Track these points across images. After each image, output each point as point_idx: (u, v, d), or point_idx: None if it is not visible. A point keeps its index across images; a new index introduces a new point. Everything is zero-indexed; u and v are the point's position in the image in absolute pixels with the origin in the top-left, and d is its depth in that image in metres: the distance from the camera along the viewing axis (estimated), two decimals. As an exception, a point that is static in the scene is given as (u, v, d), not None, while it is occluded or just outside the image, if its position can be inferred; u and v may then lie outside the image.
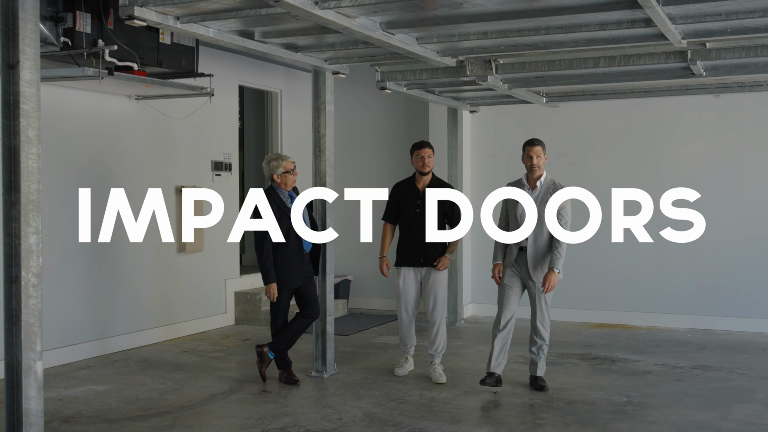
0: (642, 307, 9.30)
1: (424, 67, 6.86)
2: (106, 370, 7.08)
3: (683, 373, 6.94)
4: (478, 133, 10.05)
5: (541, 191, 6.21)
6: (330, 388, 6.47)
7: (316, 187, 6.82)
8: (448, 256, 6.71)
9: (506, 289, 6.38)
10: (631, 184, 9.27)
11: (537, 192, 6.23)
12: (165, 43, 7.24)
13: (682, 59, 6.10)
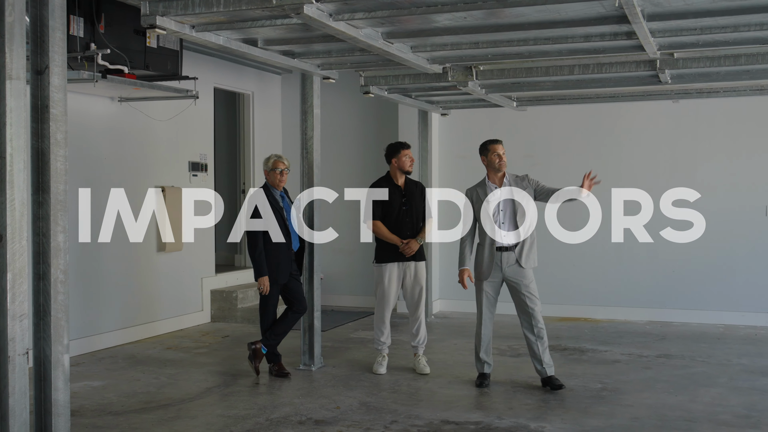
0: (603, 301, 9.78)
1: (407, 72, 7.18)
2: (96, 366, 7.22)
3: (649, 361, 7.40)
4: (447, 134, 10.42)
5: (513, 185, 6.35)
6: (320, 380, 6.74)
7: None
8: (419, 240, 6.94)
9: (487, 296, 6.44)
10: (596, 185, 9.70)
11: (504, 189, 6.33)
12: (151, 46, 7.42)
13: (651, 68, 6.53)
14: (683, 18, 4.81)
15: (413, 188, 7.01)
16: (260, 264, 6.65)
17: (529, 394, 6.23)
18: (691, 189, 9.40)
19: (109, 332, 8.07)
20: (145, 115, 8.39)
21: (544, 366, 6.38)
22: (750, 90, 7.96)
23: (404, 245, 6.85)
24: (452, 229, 10.34)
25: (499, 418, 5.59)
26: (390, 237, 6.90)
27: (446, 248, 10.46)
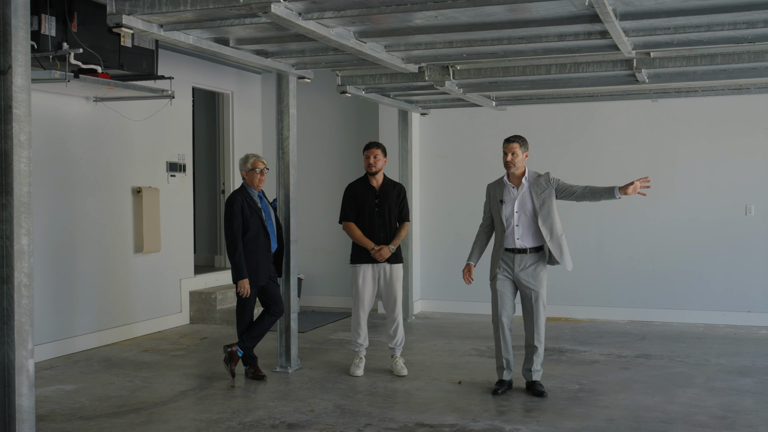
0: (584, 301, 9.76)
1: (384, 72, 7.13)
2: (70, 369, 7.14)
3: (628, 361, 7.38)
4: (427, 134, 10.37)
5: (530, 185, 6.10)
6: (296, 382, 6.68)
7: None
8: (390, 247, 6.80)
9: (500, 295, 6.22)
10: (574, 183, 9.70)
11: (522, 189, 6.11)
12: (126, 45, 7.33)
13: (628, 67, 6.51)
14: (656, 17, 4.77)
15: (389, 189, 6.94)
16: (240, 267, 6.58)
17: (506, 396, 6.19)
18: (672, 188, 9.42)
19: (85, 335, 7.98)
20: (120, 115, 8.30)
21: (532, 371, 6.30)
22: (728, 89, 7.96)
23: (375, 251, 6.78)
24: (433, 230, 10.35)
25: (474, 421, 5.54)
26: (361, 240, 6.84)
27: (427, 249, 10.43)
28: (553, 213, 6.10)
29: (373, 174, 6.91)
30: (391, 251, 6.82)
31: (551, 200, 6.10)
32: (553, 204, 6.11)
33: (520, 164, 6.15)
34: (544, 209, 6.08)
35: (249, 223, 6.63)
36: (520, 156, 6.13)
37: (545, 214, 6.07)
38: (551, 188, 6.11)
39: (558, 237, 6.13)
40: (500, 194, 6.24)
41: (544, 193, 6.10)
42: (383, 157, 6.89)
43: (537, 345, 6.24)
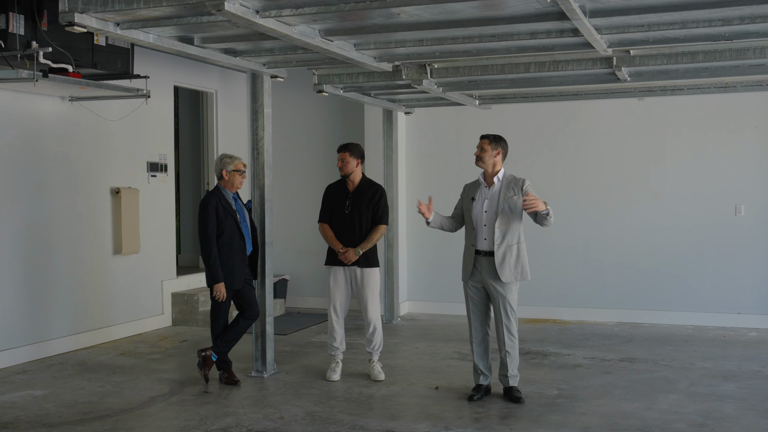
0: (571, 302, 9.62)
1: (361, 70, 7.00)
2: (42, 374, 7.02)
3: (611, 365, 7.23)
4: (413, 133, 10.23)
5: (502, 187, 5.93)
6: (270, 387, 6.56)
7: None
8: (356, 251, 6.63)
9: (471, 299, 6.10)
10: (560, 183, 9.59)
11: (493, 189, 5.96)
12: (100, 44, 7.21)
13: (608, 65, 6.37)
14: (626, 14, 4.64)
15: (364, 191, 6.79)
16: (215, 270, 6.46)
17: (482, 403, 6.05)
18: (660, 187, 9.27)
19: (61, 338, 7.86)
20: (97, 116, 8.16)
21: (508, 376, 6.13)
22: (714, 87, 7.81)
23: (341, 254, 6.64)
24: (420, 230, 10.21)
25: (446, 429, 5.41)
26: (331, 241, 6.75)
27: (414, 249, 10.29)
28: (514, 221, 5.92)
29: (345, 176, 6.78)
30: (357, 254, 6.65)
31: (516, 207, 5.92)
32: (517, 212, 5.93)
33: (488, 161, 5.96)
34: (505, 214, 5.93)
35: (224, 225, 6.50)
36: (489, 152, 5.94)
37: (505, 219, 5.92)
38: (519, 196, 5.91)
39: (510, 246, 5.96)
40: (473, 192, 6.11)
41: (511, 198, 5.93)
42: (353, 159, 6.75)
43: (509, 350, 6.07)
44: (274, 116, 10.79)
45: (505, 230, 5.94)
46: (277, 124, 10.77)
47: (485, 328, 6.19)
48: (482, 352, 6.19)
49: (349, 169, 6.76)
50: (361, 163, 6.87)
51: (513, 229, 5.95)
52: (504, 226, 5.94)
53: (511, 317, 6.04)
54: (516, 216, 5.94)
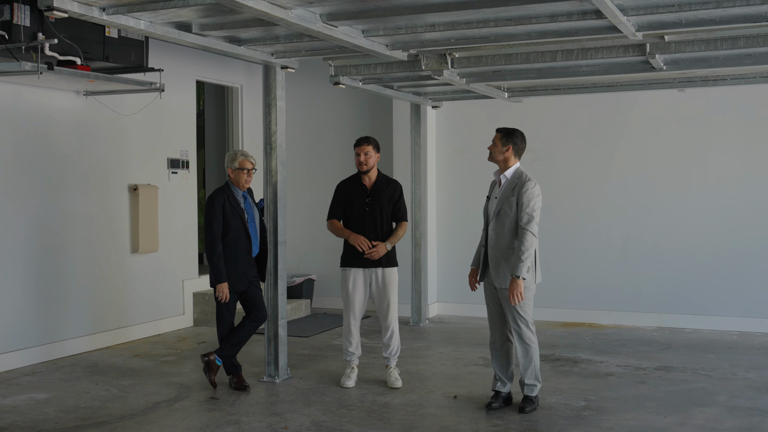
0: (608, 306, 9.14)
1: (378, 61, 6.65)
2: (51, 376, 6.81)
3: (646, 374, 6.77)
4: (444, 128, 9.84)
5: (505, 184, 5.61)
6: (281, 393, 6.25)
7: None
8: (387, 244, 6.30)
9: (487, 304, 5.83)
10: (597, 180, 9.13)
11: (502, 186, 5.63)
12: (112, 36, 6.99)
13: (640, 53, 5.92)
14: (652, -9, 4.21)
15: (382, 188, 6.44)
16: (219, 269, 6.18)
17: (500, 414, 5.65)
18: (703, 183, 8.75)
19: (76, 338, 7.66)
20: (111, 110, 7.94)
21: (523, 384, 5.76)
22: (760, 77, 7.27)
23: (371, 249, 6.28)
24: (450, 228, 9.83)
25: (459, 442, 5.04)
26: (342, 232, 6.41)
27: (444, 249, 9.91)
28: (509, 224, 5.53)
29: (364, 172, 6.44)
30: (388, 249, 6.31)
31: (510, 212, 5.53)
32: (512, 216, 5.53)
33: (497, 157, 5.65)
34: (500, 216, 5.58)
35: (230, 224, 6.21)
36: (499, 148, 5.62)
37: (500, 221, 5.58)
38: (514, 199, 5.53)
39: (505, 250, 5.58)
40: (490, 190, 5.83)
41: (507, 200, 5.56)
42: (375, 153, 6.41)
43: (521, 358, 5.70)
44: (299, 112, 10.57)
45: (500, 232, 5.59)
46: (303, 120, 10.53)
47: (504, 333, 5.82)
48: (500, 358, 5.84)
49: (372, 163, 6.43)
50: (379, 157, 6.52)
51: (508, 232, 5.56)
52: (499, 228, 5.60)
53: (521, 323, 5.63)
54: (511, 220, 5.54)
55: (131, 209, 8.33)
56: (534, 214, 5.46)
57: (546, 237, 9.23)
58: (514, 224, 5.53)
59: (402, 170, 9.56)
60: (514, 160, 5.64)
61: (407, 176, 9.38)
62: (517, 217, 5.50)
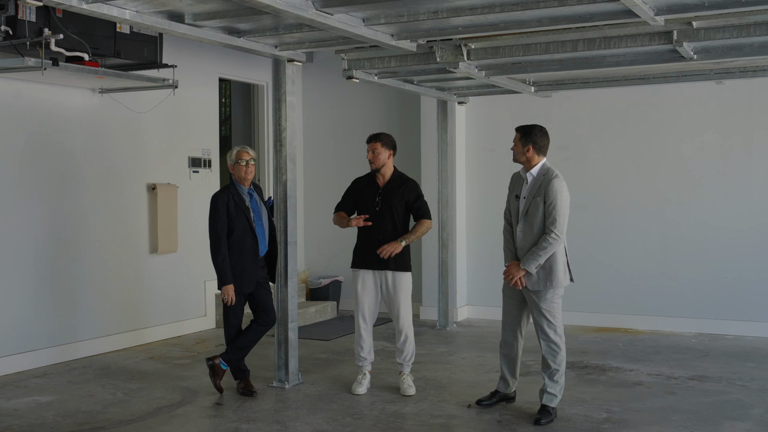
0: (645, 310, 8.69)
1: (391, 53, 6.38)
2: (60, 378, 6.69)
3: (677, 384, 6.35)
4: (473, 126, 9.51)
5: (532, 183, 5.39)
6: (288, 400, 6.00)
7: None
8: (400, 240, 5.98)
9: (506, 299, 5.62)
10: (633, 177, 8.70)
11: (529, 185, 5.41)
12: (123, 32, 6.86)
13: (667, 41, 5.53)
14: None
15: (395, 187, 6.14)
16: (224, 271, 5.97)
17: (515, 426, 5.32)
18: (746, 181, 8.26)
19: (90, 340, 7.54)
20: (126, 108, 7.79)
21: (542, 391, 5.45)
22: (805, 66, 6.79)
23: (381, 248, 5.98)
24: (480, 229, 9.48)
25: (464, 456, 4.73)
26: (342, 221, 6.19)
27: (474, 250, 9.57)
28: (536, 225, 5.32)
29: (376, 170, 6.16)
30: (401, 244, 5.98)
31: (537, 211, 5.31)
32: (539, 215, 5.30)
33: (520, 158, 5.48)
34: (529, 217, 5.36)
35: (234, 223, 5.99)
36: (519, 149, 5.46)
37: (528, 221, 5.36)
38: (540, 198, 5.31)
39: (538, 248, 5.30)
40: (518, 185, 5.56)
41: (534, 200, 5.33)
42: (385, 150, 6.12)
43: (547, 365, 5.41)
44: (323, 107, 10.34)
45: (528, 233, 5.37)
46: (330, 118, 10.30)
47: (515, 333, 5.62)
48: (506, 356, 5.68)
49: (381, 162, 6.13)
50: (393, 155, 6.23)
51: (537, 232, 5.33)
52: (527, 229, 5.37)
53: (549, 328, 5.35)
54: (539, 220, 5.31)
55: (150, 209, 8.20)
56: (559, 214, 5.23)
57: (579, 237, 8.88)
58: (542, 224, 5.30)
59: (430, 169, 9.26)
60: (539, 158, 5.44)
61: (433, 176, 9.08)
62: (544, 216, 5.28)
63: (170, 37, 8.19)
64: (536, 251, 5.24)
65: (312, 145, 10.48)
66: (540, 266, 5.26)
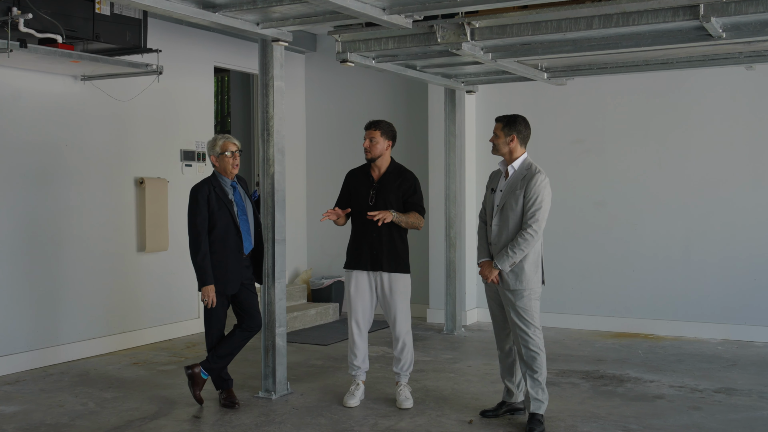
0: (668, 314, 8.09)
1: (389, 34, 5.84)
2: (33, 386, 6.21)
3: (702, 398, 5.76)
4: (484, 117, 8.93)
5: (511, 178, 5.03)
6: (273, 413, 5.48)
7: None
8: (393, 212, 5.37)
9: (490, 307, 5.28)
10: (655, 173, 8.10)
11: (508, 180, 5.04)
12: (103, 14, 6.38)
13: (692, 15, 4.95)
14: None
15: (390, 180, 5.58)
16: (204, 270, 5.45)
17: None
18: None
19: (72, 343, 7.07)
20: (107, 96, 7.30)
21: (529, 399, 5.02)
22: None
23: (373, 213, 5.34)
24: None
25: (460, 482, 4.19)
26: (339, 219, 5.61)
27: (483, 249, 8.99)
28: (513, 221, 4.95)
29: (371, 160, 5.62)
30: (393, 215, 5.36)
31: (516, 206, 4.95)
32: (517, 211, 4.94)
33: (502, 149, 5.07)
34: (505, 211, 4.99)
35: (216, 218, 5.48)
36: (502, 139, 5.04)
37: (504, 216, 4.99)
38: (521, 192, 4.94)
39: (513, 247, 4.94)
40: (495, 182, 5.17)
41: (513, 194, 4.97)
42: (384, 139, 5.57)
43: (526, 369, 5.03)
44: (327, 96, 9.83)
45: (503, 228, 4.99)
46: (334, 110, 9.81)
47: (509, 339, 5.23)
48: (502, 361, 5.34)
49: (378, 152, 5.58)
50: (392, 146, 5.68)
51: (513, 228, 4.96)
52: (502, 223, 4.99)
53: (527, 328, 4.98)
54: (516, 215, 4.95)
55: (137, 204, 7.72)
56: (540, 210, 4.90)
57: (597, 236, 8.32)
58: (520, 220, 4.94)
59: (437, 162, 8.72)
60: (521, 150, 5.08)
61: (441, 170, 8.54)
62: (522, 212, 4.93)
63: (161, 23, 7.75)
64: (512, 248, 4.91)
65: (315, 138, 9.98)
66: (515, 264, 4.91)
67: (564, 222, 8.28)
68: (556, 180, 5.64)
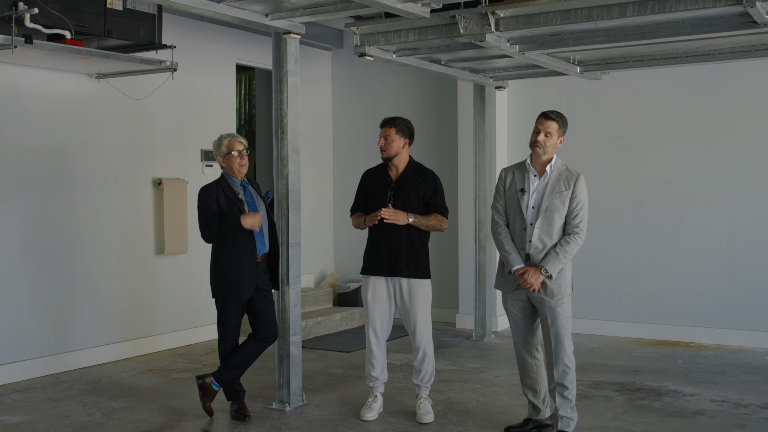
0: (710, 322, 7.64)
1: (409, 26, 5.52)
2: (42, 394, 6.01)
3: (747, 414, 5.35)
4: (516, 115, 8.57)
5: (551, 178, 4.69)
6: (285, 426, 5.19)
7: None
8: (410, 215, 5.11)
9: (512, 317, 4.89)
10: (697, 172, 7.66)
11: (546, 179, 4.70)
12: (115, 9, 6.16)
13: (736, 0, 4.55)
14: None
15: (409, 180, 5.25)
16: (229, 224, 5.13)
17: (544, 466, 4.42)
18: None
19: (86, 349, 6.87)
20: (122, 94, 7.08)
21: (557, 416, 4.70)
22: None
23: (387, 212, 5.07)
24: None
25: (478, 508, 3.85)
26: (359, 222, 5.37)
27: (515, 252, 8.61)
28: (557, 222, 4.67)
29: (387, 159, 5.30)
30: (409, 220, 5.10)
31: (562, 207, 4.65)
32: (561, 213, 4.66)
33: (551, 149, 4.72)
34: (550, 212, 4.66)
35: (226, 217, 5.20)
36: (554, 139, 4.72)
37: (548, 218, 4.67)
38: (567, 194, 4.66)
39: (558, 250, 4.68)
40: (520, 181, 4.79)
41: (561, 194, 4.66)
42: (400, 137, 5.24)
43: (560, 381, 4.67)
44: (354, 93, 9.53)
45: (548, 231, 4.66)
46: (362, 108, 9.54)
47: (533, 351, 4.88)
48: (528, 380, 4.93)
49: (393, 151, 5.26)
50: (409, 144, 5.36)
51: (557, 232, 4.68)
52: (546, 226, 4.67)
53: (564, 339, 4.65)
54: (561, 218, 4.67)
55: (155, 206, 7.50)
56: (586, 214, 4.68)
57: (635, 239, 7.92)
58: (563, 223, 4.65)
59: (467, 162, 8.37)
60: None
61: (470, 170, 8.19)
62: (567, 214, 4.64)
63: (180, 19, 7.54)
64: (562, 252, 4.62)
65: (342, 136, 9.70)
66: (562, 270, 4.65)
67: (600, 223, 7.85)
68: (591, 179, 5.27)
